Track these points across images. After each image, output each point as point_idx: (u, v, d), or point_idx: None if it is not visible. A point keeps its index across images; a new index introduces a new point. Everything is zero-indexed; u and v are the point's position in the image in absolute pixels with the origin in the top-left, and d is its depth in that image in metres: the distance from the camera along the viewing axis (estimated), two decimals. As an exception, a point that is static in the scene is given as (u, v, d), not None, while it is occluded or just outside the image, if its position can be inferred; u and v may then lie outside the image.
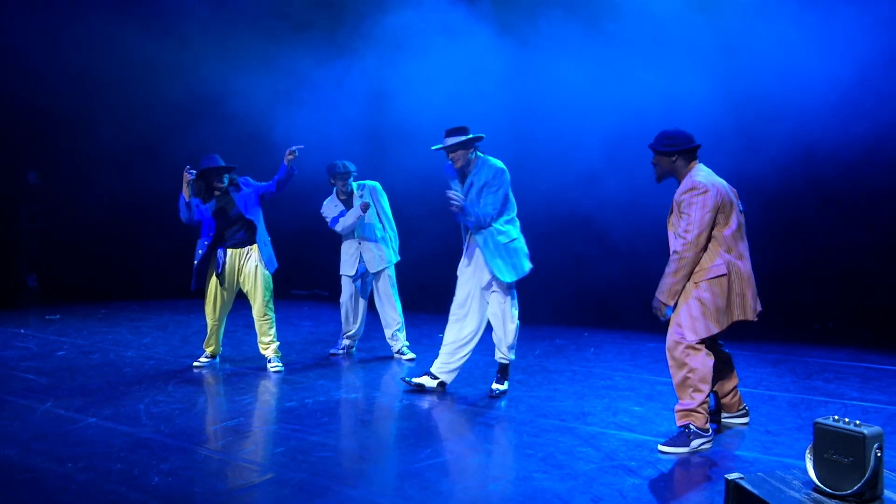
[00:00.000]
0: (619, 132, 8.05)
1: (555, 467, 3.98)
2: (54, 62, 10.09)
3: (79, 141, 10.47)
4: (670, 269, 4.21)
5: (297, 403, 5.29)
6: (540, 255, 9.00)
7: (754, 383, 5.75)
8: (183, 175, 5.96)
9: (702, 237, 4.13)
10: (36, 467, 4.02)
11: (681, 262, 4.17)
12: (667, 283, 4.22)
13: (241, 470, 4.01)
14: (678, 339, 4.23)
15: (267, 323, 6.31)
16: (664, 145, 4.31)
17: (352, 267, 6.69)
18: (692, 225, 4.13)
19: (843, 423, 2.77)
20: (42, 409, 5.15)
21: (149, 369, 6.37)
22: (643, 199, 7.57)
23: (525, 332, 7.95)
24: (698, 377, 4.19)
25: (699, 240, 4.13)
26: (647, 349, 7.09)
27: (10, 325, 8.59)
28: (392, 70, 8.81)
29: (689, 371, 4.20)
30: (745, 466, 3.95)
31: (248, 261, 6.23)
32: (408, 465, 4.09)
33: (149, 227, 10.60)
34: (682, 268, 4.17)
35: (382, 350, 6.96)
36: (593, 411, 5.05)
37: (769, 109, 7.58)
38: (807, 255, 7.85)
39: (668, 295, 4.23)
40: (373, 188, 6.68)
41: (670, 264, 4.22)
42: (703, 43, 7.65)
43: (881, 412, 4.97)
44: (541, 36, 8.32)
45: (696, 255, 4.16)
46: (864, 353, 6.79)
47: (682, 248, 4.16)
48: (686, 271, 4.19)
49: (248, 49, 9.69)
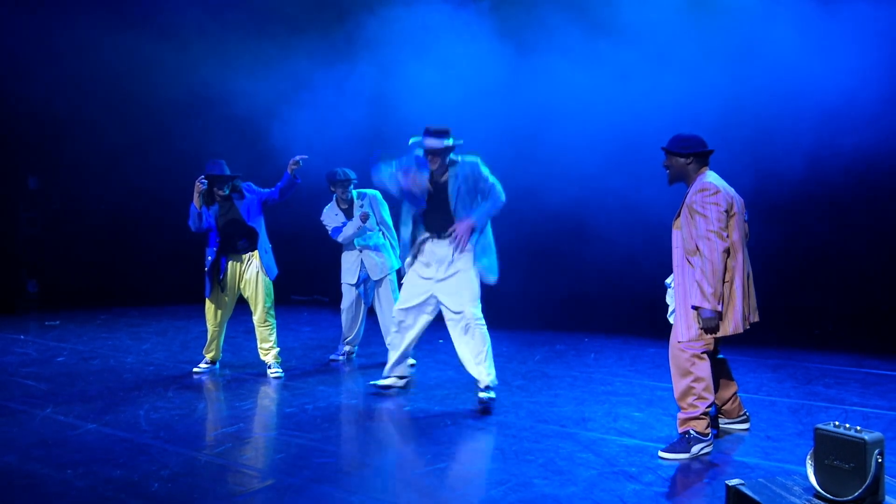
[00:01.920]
0: (621, 138, 8.07)
1: (555, 473, 3.97)
2: (54, 68, 10.12)
3: (78, 147, 10.49)
4: (706, 276, 4.04)
5: (297, 409, 5.28)
6: (540, 260, 9.09)
7: (755, 389, 5.74)
8: (195, 185, 5.97)
9: (723, 234, 4.07)
10: (35, 473, 4.02)
11: (713, 264, 4.04)
12: (708, 291, 4.04)
13: (241, 476, 4.00)
14: (684, 347, 4.21)
15: (268, 329, 6.30)
16: (679, 147, 4.30)
17: (353, 275, 6.69)
18: (712, 224, 4.07)
19: (843, 429, 2.77)
20: (42, 415, 5.14)
21: (148, 375, 6.36)
22: (644, 204, 7.58)
23: (525, 337, 8.00)
24: (703, 386, 4.18)
25: (722, 238, 4.06)
26: (648, 354, 7.08)
27: (9, 330, 8.58)
28: (394, 75, 8.82)
29: (695, 380, 4.18)
30: (746, 472, 3.94)
31: (250, 267, 6.24)
32: (408, 472, 4.08)
33: (148, 233, 10.61)
34: (717, 270, 4.04)
35: (382, 356, 6.92)
36: (594, 417, 5.04)
37: (769, 116, 7.60)
38: (807, 260, 7.86)
39: (714, 302, 4.04)
40: (373, 197, 6.67)
41: (703, 271, 4.05)
42: (706, 49, 7.67)
43: (882, 418, 4.96)
44: (542, 39, 8.34)
45: (724, 252, 4.06)
46: (864, 358, 6.78)
47: (709, 251, 4.04)
48: (721, 272, 4.05)
49: (249, 53, 9.70)
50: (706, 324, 4.10)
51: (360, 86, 9.20)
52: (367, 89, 9.21)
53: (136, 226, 10.75)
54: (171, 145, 10.05)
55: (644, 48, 7.83)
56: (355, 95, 9.17)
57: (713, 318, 4.08)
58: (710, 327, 4.11)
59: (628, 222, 8.10)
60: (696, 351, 4.18)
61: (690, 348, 4.19)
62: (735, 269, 4.17)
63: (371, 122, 9.34)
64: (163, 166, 10.29)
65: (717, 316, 4.08)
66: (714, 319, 4.09)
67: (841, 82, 7.02)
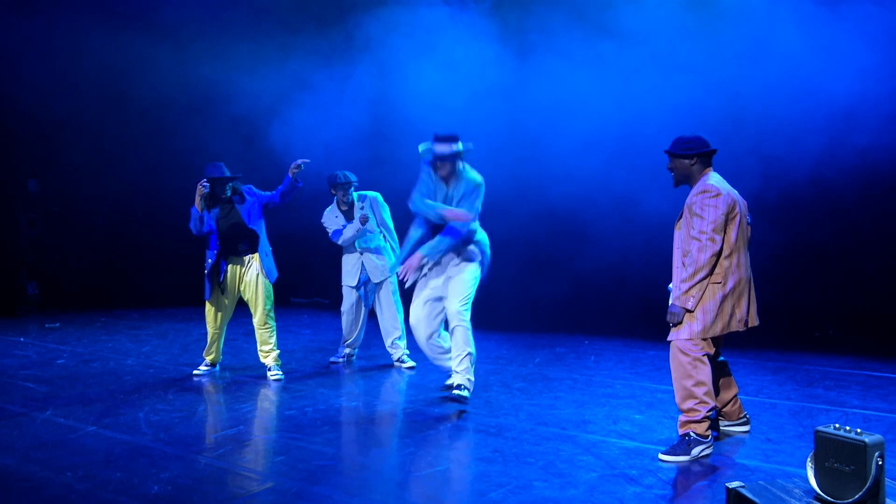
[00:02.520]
0: (624, 141, 8.08)
1: (555, 476, 3.97)
2: (53, 70, 10.13)
3: (78, 149, 10.50)
4: (686, 274, 4.13)
5: (297, 412, 5.27)
6: (540, 264, 9.09)
7: (755, 391, 5.74)
8: (197, 188, 5.97)
9: (716, 239, 4.09)
10: (35, 476, 4.01)
11: (696, 265, 4.09)
12: (683, 288, 4.14)
13: (240, 479, 3.99)
14: (683, 348, 4.21)
15: (268, 331, 6.30)
16: (682, 148, 4.30)
17: (354, 277, 6.69)
18: (706, 226, 4.09)
19: (844, 432, 2.76)
20: (41, 417, 5.14)
21: (148, 378, 6.36)
22: (645, 207, 7.58)
23: (525, 340, 7.99)
24: (704, 391, 4.18)
25: (714, 241, 4.08)
26: (648, 357, 7.08)
27: (9, 333, 8.58)
28: (394, 77, 8.83)
29: (696, 384, 4.18)
30: (746, 475, 3.94)
31: (250, 269, 6.23)
32: (408, 474, 4.08)
33: (148, 235, 10.61)
34: (699, 271, 4.09)
35: (382, 358, 6.95)
36: (594, 419, 5.03)
37: (772, 117, 7.60)
38: (807, 262, 7.85)
39: (685, 300, 4.13)
40: (373, 199, 6.67)
41: (686, 268, 4.14)
42: (709, 50, 7.67)
43: (882, 420, 4.95)
44: (543, 40, 8.35)
45: (712, 257, 4.09)
46: (864, 360, 6.78)
47: (697, 251, 4.10)
48: (703, 274, 4.09)
49: (249, 55, 9.70)
50: (671, 318, 4.22)
51: (360, 87, 9.21)
52: (368, 91, 9.23)
53: (136, 228, 10.75)
54: (170, 147, 10.06)
55: (647, 49, 7.82)
56: (356, 97, 9.18)
57: (679, 314, 4.18)
58: (675, 322, 4.20)
59: (629, 225, 8.10)
60: (697, 355, 4.18)
61: (691, 352, 4.18)
62: (730, 270, 4.17)
63: (372, 123, 9.35)
64: (163, 168, 10.31)
65: (682, 312, 4.17)
66: (679, 315, 4.18)
67: (844, 84, 7.02)
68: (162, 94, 9.97)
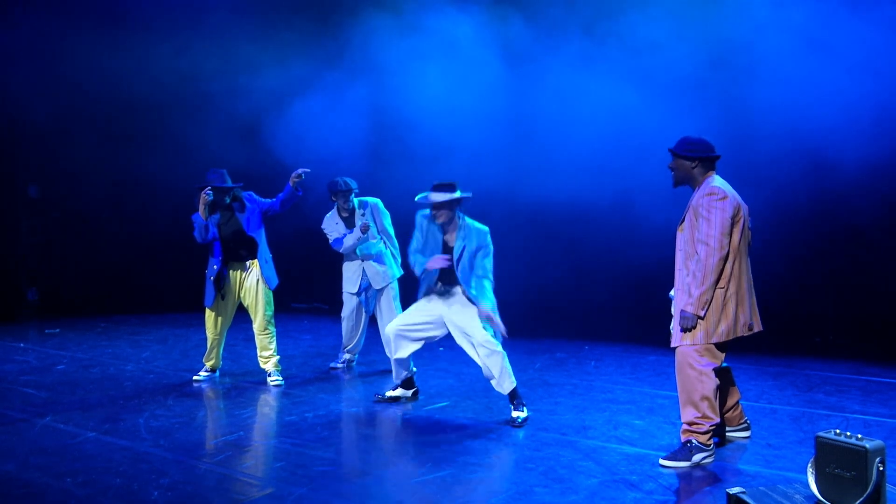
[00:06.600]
0: (624, 146, 8.06)
1: (556, 481, 3.96)
2: (54, 77, 10.14)
3: (78, 155, 10.49)
4: (696, 280, 4.08)
5: (297, 417, 5.27)
6: (541, 268, 9.08)
7: (756, 396, 5.73)
8: (200, 197, 5.97)
9: (724, 242, 4.07)
10: (34, 482, 4.01)
11: (706, 269, 4.06)
12: (695, 294, 4.08)
13: (240, 484, 3.99)
14: (692, 360, 4.19)
15: (268, 337, 6.30)
16: (685, 149, 4.29)
17: (354, 284, 6.68)
18: (714, 229, 4.07)
19: (844, 437, 2.77)
20: (41, 423, 5.13)
21: (148, 383, 6.35)
22: (647, 212, 7.57)
23: (525, 345, 7.98)
24: (707, 405, 4.17)
25: (722, 244, 4.06)
26: (648, 362, 7.07)
27: (9, 338, 8.58)
28: (395, 83, 8.84)
29: (701, 398, 4.16)
30: (747, 480, 3.93)
31: (250, 276, 6.24)
32: (408, 480, 4.07)
33: (149, 241, 10.59)
34: (709, 275, 4.06)
35: (383, 364, 6.94)
36: (594, 425, 5.03)
37: (769, 123, 7.60)
38: (808, 267, 7.85)
39: (698, 306, 4.09)
40: (374, 206, 6.67)
41: (695, 274, 4.10)
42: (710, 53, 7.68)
43: (883, 426, 4.95)
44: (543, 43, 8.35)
45: (721, 260, 4.06)
46: (865, 366, 6.77)
47: (705, 256, 4.06)
48: (713, 279, 4.06)
49: (249, 58, 9.72)
50: (684, 324, 4.17)
51: (360, 93, 9.22)
52: (369, 97, 9.23)
53: (137, 234, 10.74)
54: (172, 153, 10.05)
55: (647, 53, 7.82)
56: (356, 102, 9.18)
57: (692, 320, 4.14)
58: (687, 328, 4.17)
59: (630, 230, 8.09)
60: (704, 368, 4.16)
61: (698, 364, 4.17)
62: (733, 274, 4.16)
63: (373, 129, 9.35)
64: (164, 174, 10.30)
65: (695, 319, 4.13)
66: (692, 321, 4.14)
67: (845, 90, 7.02)
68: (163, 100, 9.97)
